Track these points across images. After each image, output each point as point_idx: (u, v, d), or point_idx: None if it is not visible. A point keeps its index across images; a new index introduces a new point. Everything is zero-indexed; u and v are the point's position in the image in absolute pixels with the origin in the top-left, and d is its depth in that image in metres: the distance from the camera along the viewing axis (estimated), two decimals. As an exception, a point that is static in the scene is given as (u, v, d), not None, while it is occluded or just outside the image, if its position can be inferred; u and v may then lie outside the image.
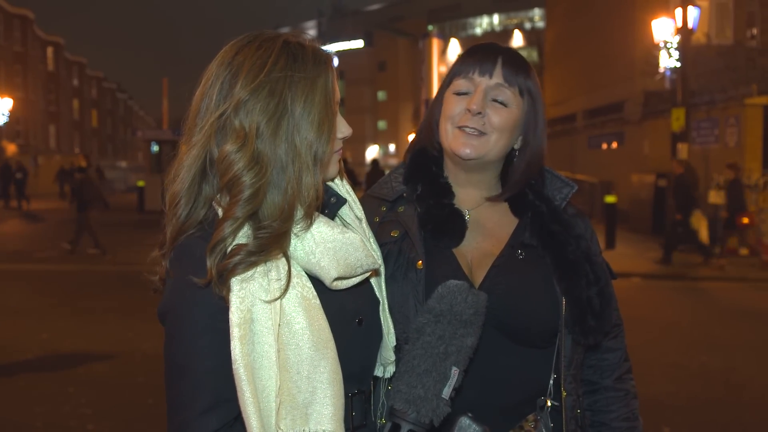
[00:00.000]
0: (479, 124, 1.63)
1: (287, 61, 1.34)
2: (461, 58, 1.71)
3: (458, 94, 1.67)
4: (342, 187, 1.53)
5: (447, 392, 1.33)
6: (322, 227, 1.36)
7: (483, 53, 1.67)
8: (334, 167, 1.46)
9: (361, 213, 1.54)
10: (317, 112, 1.35)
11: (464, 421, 1.35)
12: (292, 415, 1.28)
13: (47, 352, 7.19)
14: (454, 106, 1.66)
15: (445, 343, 1.34)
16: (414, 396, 1.31)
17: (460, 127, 1.64)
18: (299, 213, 1.34)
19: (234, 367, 1.24)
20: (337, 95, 1.41)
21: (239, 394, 1.24)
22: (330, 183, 1.51)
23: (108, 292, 10.74)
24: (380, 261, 1.56)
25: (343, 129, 1.45)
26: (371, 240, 1.55)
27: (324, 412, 1.29)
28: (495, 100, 1.64)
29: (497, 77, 1.64)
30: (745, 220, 13.17)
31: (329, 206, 1.48)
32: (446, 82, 1.72)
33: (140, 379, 6.20)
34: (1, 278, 12.15)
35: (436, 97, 1.75)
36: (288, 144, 1.33)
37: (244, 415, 1.24)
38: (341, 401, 1.31)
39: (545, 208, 1.67)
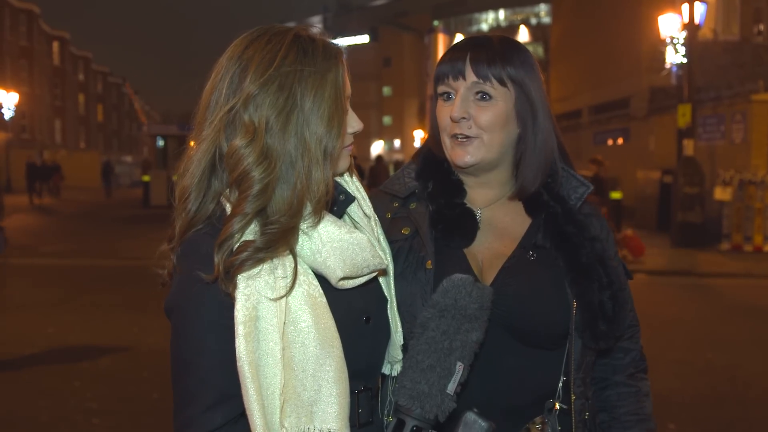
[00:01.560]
0: (466, 129, 1.59)
1: (297, 55, 1.33)
2: (438, 63, 1.66)
3: (445, 100, 1.63)
4: (352, 183, 1.52)
5: (452, 388, 1.31)
6: (329, 226, 1.35)
7: (453, 53, 1.62)
8: (344, 162, 1.45)
9: (370, 210, 1.53)
10: (327, 107, 1.34)
11: (470, 416, 1.34)
12: (296, 413, 1.27)
13: (53, 346, 7.20)
14: (443, 116, 1.63)
15: (450, 338, 1.32)
16: (418, 392, 1.30)
17: (452, 136, 1.61)
18: (308, 208, 1.33)
19: (238, 364, 1.23)
20: (348, 90, 1.40)
21: (243, 392, 1.24)
22: (339, 179, 1.49)
23: (114, 287, 10.76)
24: (388, 260, 1.54)
25: (354, 124, 1.44)
26: (380, 238, 1.53)
27: (329, 411, 1.28)
28: (478, 98, 1.59)
29: (470, 76, 1.58)
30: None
31: (338, 203, 1.47)
32: (434, 88, 1.67)
33: (145, 374, 6.20)
34: (8, 272, 12.18)
35: (432, 104, 1.70)
36: (297, 139, 1.32)
37: (247, 412, 1.24)
38: (347, 400, 1.31)
39: (560, 208, 1.62)
